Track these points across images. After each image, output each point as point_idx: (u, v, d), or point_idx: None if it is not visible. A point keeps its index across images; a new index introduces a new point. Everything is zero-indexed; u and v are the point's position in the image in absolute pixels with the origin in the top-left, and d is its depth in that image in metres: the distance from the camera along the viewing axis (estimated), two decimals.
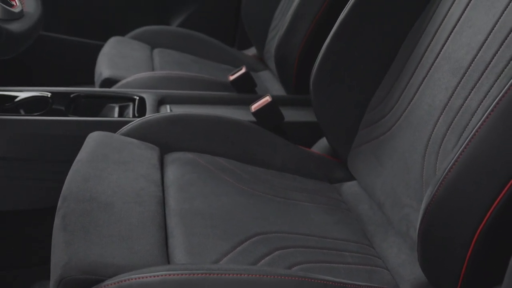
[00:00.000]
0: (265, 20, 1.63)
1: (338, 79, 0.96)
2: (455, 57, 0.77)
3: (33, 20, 0.70)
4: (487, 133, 0.55)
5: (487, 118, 0.55)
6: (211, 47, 1.71)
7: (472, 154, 0.55)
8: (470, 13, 0.78)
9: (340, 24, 0.93)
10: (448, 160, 0.58)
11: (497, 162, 0.53)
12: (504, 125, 0.53)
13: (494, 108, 0.55)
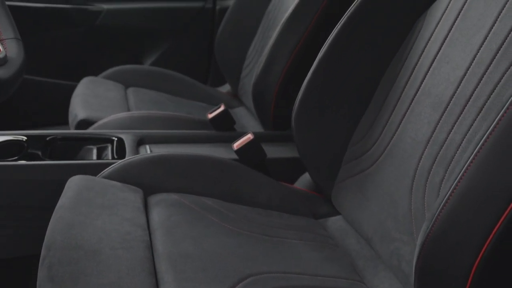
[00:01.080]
0: (239, 57, 1.65)
1: (320, 115, 0.97)
2: (435, 92, 0.80)
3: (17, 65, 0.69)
4: (480, 167, 0.56)
5: (478, 152, 0.56)
6: (185, 85, 1.71)
7: (466, 188, 0.56)
8: (447, 50, 0.81)
9: (319, 61, 0.95)
10: (442, 195, 0.59)
11: (491, 195, 0.54)
12: (496, 158, 0.55)
13: (485, 142, 0.56)
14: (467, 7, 0.79)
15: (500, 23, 0.72)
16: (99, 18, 1.80)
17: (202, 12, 1.87)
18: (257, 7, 1.62)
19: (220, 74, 1.81)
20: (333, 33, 0.94)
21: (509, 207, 0.53)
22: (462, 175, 0.57)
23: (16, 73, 0.68)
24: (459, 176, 0.57)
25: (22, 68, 0.71)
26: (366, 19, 0.93)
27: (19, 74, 0.69)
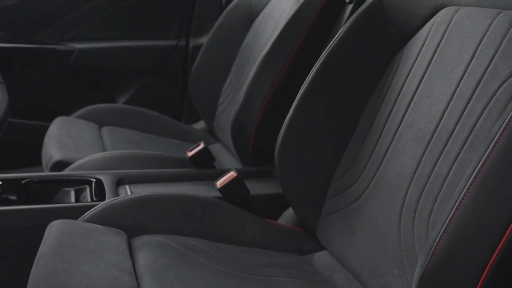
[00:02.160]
0: (214, 94, 1.66)
1: (302, 151, 0.98)
2: (417, 125, 0.82)
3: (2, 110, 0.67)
4: (473, 201, 0.57)
5: (471, 186, 0.58)
6: (160, 122, 1.70)
7: (461, 222, 0.57)
8: (427, 85, 0.83)
9: (301, 98, 0.96)
10: (437, 228, 0.59)
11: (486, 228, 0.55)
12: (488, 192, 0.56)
13: (476, 176, 0.58)
14: (444, 44, 0.82)
15: (477, 59, 0.75)
16: (71, 57, 1.79)
17: (175, 50, 1.88)
18: (231, 45, 1.64)
19: (194, 111, 1.82)
20: (313, 71, 0.95)
21: (503, 239, 0.54)
22: (456, 209, 0.58)
23: (2, 117, 0.66)
24: (453, 210, 0.58)
25: (7, 112, 0.69)
26: (344, 56, 0.95)
27: (5, 118, 0.68)
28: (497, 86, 0.70)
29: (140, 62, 1.88)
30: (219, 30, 1.65)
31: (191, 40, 1.89)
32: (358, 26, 0.94)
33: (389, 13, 0.92)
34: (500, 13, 0.74)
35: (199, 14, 1.87)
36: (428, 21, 0.88)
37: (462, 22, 0.80)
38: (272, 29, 1.46)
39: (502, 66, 0.71)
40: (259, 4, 1.59)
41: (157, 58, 1.88)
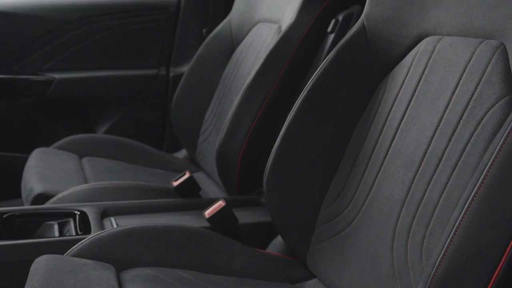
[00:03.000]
0: (196, 123, 1.66)
1: (291, 179, 0.98)
2: (405, 152, 0.83)
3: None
4: (469, 227, 0.58)
5: (466, 212, 0.59)
6: (141, 152, 1.69)
7: (458, 248, 0.58)
8: (413, 112, 0.85)
9: (288, 126, 0.97)
10: (435, 254, 0.60)
11: (483, 253, 0.55)
12: (484, 217, 0.57)
13: (472, 202, 0.59)
14: (428, 72, 0.85)
15: (462, 87, 0.77)
16: (50, 88, 1.77)
17: (156, 79, 1.88)
18: (212, 74, 1.65)
19: (175, 140, 1.81)
20: (299, 99, 0.96)
21: (501, 262, 0.55)
22: (452, 235, 0.59)
23: None
24: (450, 236, 0.59)
25: None
26: (330, 84, 0.96)
27: None
28: (484, 113, 0.72)
29: (120, 92, 1.87)
30: (200, 59, 1.66)
31: (171, 69, 1.90)
32: (342, 55, 0.96)
33: (373, 42, 0.95)
34: (482, 42, 0.77)
35: (179, 43, 1.88)
36: (412, 49, 0.90)
37: (445, 51, 0.83)
38: (254, 58, 1.48)
39: (487, 93, 0.73)
40: (240, 34, 1.61)
41: (138, 87, 1.87)
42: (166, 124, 1.92)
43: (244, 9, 1.60)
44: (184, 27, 1.86)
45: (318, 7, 1.27)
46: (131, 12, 1.81)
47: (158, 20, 1.84)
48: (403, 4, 0.91)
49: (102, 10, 1.79)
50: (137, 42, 1.85)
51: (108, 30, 1.81)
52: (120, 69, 1.86)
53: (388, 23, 0.93)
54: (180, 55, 1.89)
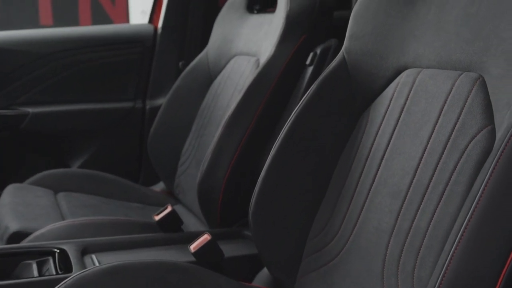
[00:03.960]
0: (174, 155, 1.65)
1: (276, 211, 0.98)
2: (391, 182, 0.84)
3: None
4: (465, 253, 0.59)
5: (461, 239, 0.60)
6: (118, 186, 1.66)
7: (455, 274, 0.59)
8: (397, 142, 0.87)
9: (273, 158, 0.98)
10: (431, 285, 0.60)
11: (481, 277, 0.56)
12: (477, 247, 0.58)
13: (464, 231, 0.60)
14: (410, 103, 0.87)
15: (444, 117, 0.80)
16: (24, 122, 1.73)
17: (132, 112, 1.87)
18: (190, 106, 1.65)
19: (152, 173, 1.79)
20: (282, 132, 0.97)
21: (497, 286, 0.56)
22: (448, 264, 0.60)
23: None
24: (445, 265, 0.60)
25: None
26: (312, 117, 0.97)
27: None
28: (467, 142, 0.74)
29: (96, 125, 1.85)
30: (178, 91, 1.67)
31: (148, 102, 1.89)
32: (324, 88, 0.98)
33: (354, 75, 0.97)
34: (461, 75, 0.80)
35: (156, 76, 1.88)
36: (392, 81, 0.93)
37: (425, 83, 0.86)
38: (233, 90, 1.49)
39: (469, 123, 0.75)
40: (217, 67, 1.63)
41: (113, 120, 1.86)
42: (143, 157, 1.90)
43: (221, 43, 1.62)
44: (160, 60, 1.86)
45: (296, 41, 1.30)
46: (107, 45, 1.81)
47: (134, 53, 1.84)
48: (382, 38, 0.94)
49: (78, 43, 1.78)
50: (113, 75, 1.84)
51: (84, 64, 1.80)
52: (95, 102, 1.84)
53: (368, 56, 0.96)
54: (157, 88, 1.89)
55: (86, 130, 1.84)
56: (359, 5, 0.99)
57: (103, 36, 1.83)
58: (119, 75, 1.85)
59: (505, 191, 0.59)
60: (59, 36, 1.80)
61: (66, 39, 1.79)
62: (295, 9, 1.29)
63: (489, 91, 0.75)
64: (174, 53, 1.88)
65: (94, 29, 1.91)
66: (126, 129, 1.87)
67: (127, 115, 1.86)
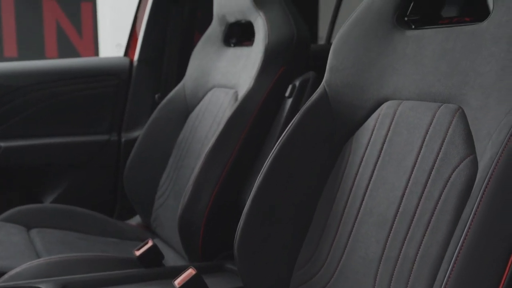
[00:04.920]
0: (151, 188, 1.63)
1: (262, 242, 0.98)
2: (377, 211, 0.86)
3: None
4: (458, 280, 0.60)
5: (454, 267, 0.61)
6: (93, 221, 1.63)
7: None
8: (381, 172, 0.88)
9: (257, 191, 0.98)
10: None
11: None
12: (474, 271, 0.59)
13: (457, 258, 0.61)
14: (392, 134, 0.89)
15: (427, 147, 0.82)
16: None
17: (107, 145, 1.84)
18: (167, 138, 1.65)
19: (128, 207, 1.76)
20: (266, 165, 0.98)
21: None
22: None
23: None
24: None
25: None
26: (295, 149, 0.99)
27: None
28: (450, 171, 0.77)
29: (69, 159, 1.82)
30: (155, 123, 1.66)
31: (123, 135, 1.87)
32: (306, 120, 1.00)
33: (335, 107, 0.99)
34: (441, 106, 0.83)
35: (131, 108, 1.87)
36: (373, 113, 0.95)
37: (406, 114, 0.88)
38: (211, 122, 1.50)
39: (451, 153, 0.78)
40: (194, 99, 1.63)
41: (88, 153, 1.83)
42: (118, 190, 1.87)
43: (198, 75, 1.63)
44: (136, 93, 1.86)
45: (275, 73, 1.32)
46: (82, 78, 1.80)
47: (109, 86, 1.83)
48: (361, 71, 0.97)
49: (52, 76, 1.76)
50: (88, 107, 1.83)
51: (58, 96, 1.77)
52: (70, 135, 1.81)
53: (349, 88, 0.98)
54: (132, 120, 1.88)
55: (60, 164, 1.80)
56: (338, 39, 1.02)
57: (78, 69, 1.82)
58: (94, 108, 1.83)
59: (494, 219, 0.61)
60: (33, 68, 1.78)
61: (40, 71, 1.77)
62: (273, 43, 1.32)
63: (469, 122, 0.78)
64: (150, 86, 1.88)
65: (69, 62, 1.89)
66: (101, 163, 1.85)
67: (102, 148, 1.84)
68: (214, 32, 1.62)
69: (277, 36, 1.33)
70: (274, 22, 1.35)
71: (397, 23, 0.94)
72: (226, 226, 1.28)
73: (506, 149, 0.65)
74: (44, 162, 1.79)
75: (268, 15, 1.37)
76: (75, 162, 1.82)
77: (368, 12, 0.97)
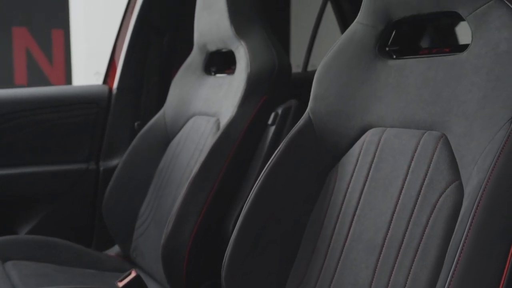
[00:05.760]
0: (130, 217, 1.61)
1: (249, 271, 0.97)
2: (366, 237, 0.86)
3: None
4: None
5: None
6: (70, 252, 1.58)
7: None
8: (368, 198, 0.90)
9: (244, 219, 0.98)
10: None
11: None
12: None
13: (451, 282, 0.62)
14: (377, 160, 0.91)
15: (413, 173, 0.84)
16: None
17: (85, 174, 1.81)
18: (147, 166, 1.64)
19: (106, 237, 1.73)
20: (252, 193, 0.98)
21: None
22: None
23: None
24: None
25: None
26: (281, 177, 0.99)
27: None
28: (437, 197, 0.78)
29: (46, 188, 1.78)
30: (135, 152, 1.65)
31: (101, 163, 1.85)
32: (291, 147, 1.01)
33: (320, 134, 1.01)
34: (425, 133, 0.85)
35: (110, 137, 1.85)
36: (358, 140, 0.97)
37: (391, 141, 0.90)
38: (193, 150, 1.50)
39: (437, 179, 0.80)
40: (175, 127, 1.63)
41: (66, 183, 1.79)
42: (96, 220, 1.83)
43: (179, 103, 1.64)
44: (115, 121, 1.85)
45: (258, 102, 1.33)
46: (61, 106, 1.78)
47: (88, 114, 1.81)
48: (345, 99, 0.99)
49: (30, 104, 1.74)
50: (66, 136, 1.80)
51: (35, 125, 1.74)
52: (47, 164, 1.78)
53: (333, 116, 1.00)
54: (111, 149, 1.86)
55: (36, 193, 1.76)
56: (322, 67, 1.04)
57: (56, 97, 1.80)
58: (72, 136, 1.81)
59: (486, 241, 0.63)
60: (11, 97, 1.75)
61: (18, 100, 1.74)
62: (255, 71, 1.34)
63: (452, 148, 0.80)
64: (129, 114, 1.87)
65: (47, 90, 1.87)
66: (79, 192, 1.81)
67: (80, 177, 1.81)
68: (195, 60, 1.63)
69: (259, 65, 1.35)
70: (256, 51, 1.37)
71: (379, 53, 0.97)
72: (210, 254, 1.27)
73: (492, 175, 0.67)
74: (20, 192, 1.74)
75: (249, 44, 1.39)
76: (52, 191, 1.78)
77: (351, 42, 1.00)
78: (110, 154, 1.86)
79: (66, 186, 1.79)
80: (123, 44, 1.85)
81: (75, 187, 1.80)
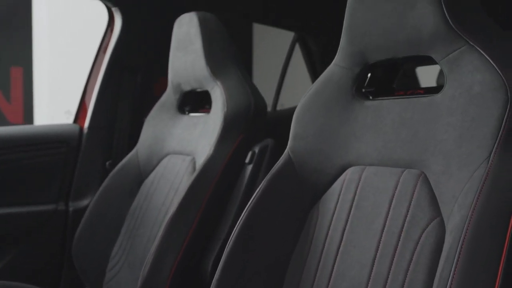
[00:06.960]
0: (102, 259, 1.57)
1: None
2: (350, 274, 0.88)
3: None
4: None
5: None
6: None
7: None
8: (350, 236, 0.91)
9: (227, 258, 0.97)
10: None
11: None
12: None
13: None
14: (358, 198, 0.93)
15: (394, 210, 0.86)
16: None
17: (54, 215, 1.76)
18: (119, 206, 1.61)
19: (75, 280, 1.67)
20: (234, 232, 0.98)
21: None
22: None
23: None
24: None
25: None
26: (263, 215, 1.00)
27: None
28: (420, 233, 0.81)
29: (12, 230, 1.71)
30: (106, 191, 1.62)
31: (71, 204, 1.80)
32: (272, 186, 1.02)
33: (300, 173, 1.03)
34: (404, 171, 0.88)
35: (80, 176, 1.81)
36: (338, 178, 0.99)
37: (371, 179, 0.93)
38: (168, 189, 1.49)
39: (419, 215, 0.82)
40: (148, 166, 1.62)
41: (33, 224, 1.73)
42: (64, 263, 1.77)
43: (152, 142, 1.63)
44: (85, 160, 1.81)
45: (235, 141, 1.35)
46: (29, 145, 1.74)
47: (58, 153, 1.78)
48: (324, 138, 1.02)
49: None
50: (35, 176, 1.75)
51: (3, 165, 1.69)
52: (13, 205, 1.72)
53: (313, 155, 1.02)
54: (81, 189, 1.82)
55: (2, 236, 1.69)
56: (301, 108, 1.07)
57: (25, 136, 1.76)
58: (41, 176, 1.76)
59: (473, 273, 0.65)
60: None
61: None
62: (232, 111, 1.36)
63: (432, 185, 0.83)
64: (100, 153, 1.84)
65: (17, 129, 1.83)
66: (47, 234, 1.75)
67: (48, 218, 1.75)
68: (169, 99, 1.64)
69: (236, 104, 1.37)
70: (232, 91, 1.40)
71: (356, 94, 1.01)
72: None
73: (475, 213, 0.70)
74: None
75: (225, 84, 1.41)
76: (19, 234, 1.72)
77: (328, 83, 1.04)
78: (80, 194, 1.82)
79: (33, 228, 1.73)
80: (95, 83, 1.85)
81: (43, 229, 1.74)
